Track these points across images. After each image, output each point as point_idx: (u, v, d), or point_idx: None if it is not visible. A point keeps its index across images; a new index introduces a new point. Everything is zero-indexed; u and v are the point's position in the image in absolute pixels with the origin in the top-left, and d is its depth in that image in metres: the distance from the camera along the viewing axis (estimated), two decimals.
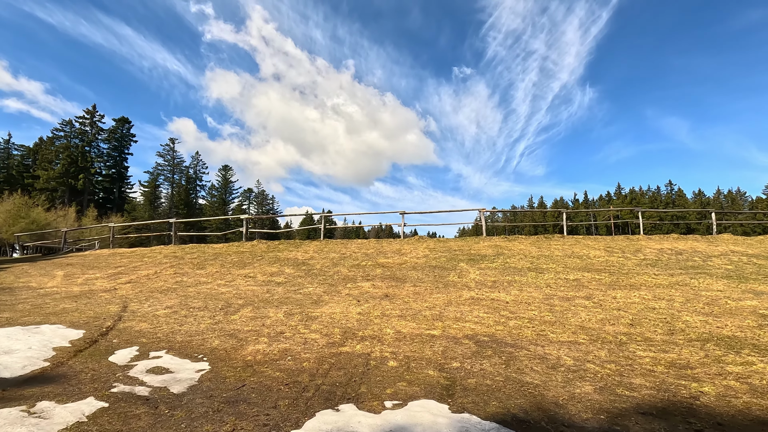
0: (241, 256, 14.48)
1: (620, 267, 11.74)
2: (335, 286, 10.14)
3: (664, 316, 7.16)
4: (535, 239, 15.52)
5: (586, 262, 12.35)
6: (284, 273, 11.80)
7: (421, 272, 11.44)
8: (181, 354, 5.32)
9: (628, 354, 5.19)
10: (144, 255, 15.67)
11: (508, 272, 11.20)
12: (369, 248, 14.85)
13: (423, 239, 15.95)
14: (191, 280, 11.18)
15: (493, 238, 15.79)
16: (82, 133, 59.36)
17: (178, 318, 7.27)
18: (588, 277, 10.55)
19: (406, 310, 7.71)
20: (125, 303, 8.52)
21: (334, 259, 13.37)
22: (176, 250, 16.12)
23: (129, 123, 64.27)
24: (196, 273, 12.19)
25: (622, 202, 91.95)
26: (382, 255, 13.76)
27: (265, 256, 14.19)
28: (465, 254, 13.45)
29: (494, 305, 8.10)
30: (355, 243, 15.89)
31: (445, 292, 9.38)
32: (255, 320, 7.11)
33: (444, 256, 13.31)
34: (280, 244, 16.22)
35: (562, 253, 13.41)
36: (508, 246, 14.48)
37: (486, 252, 13.67)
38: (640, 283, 9.99)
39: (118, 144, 63.15)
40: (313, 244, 16.02)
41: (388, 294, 9.24)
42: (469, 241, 15.52)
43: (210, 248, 16.19)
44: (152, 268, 13.06)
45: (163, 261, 14.28)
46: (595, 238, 15.48)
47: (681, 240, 15.43)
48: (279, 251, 14.96)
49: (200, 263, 13.56)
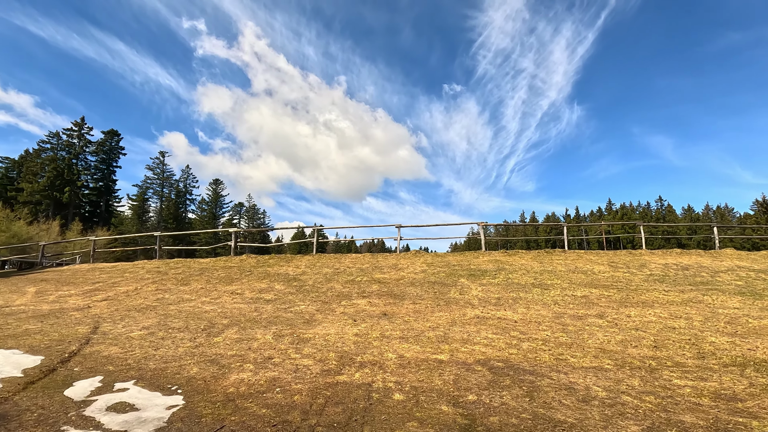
0: (228, 271, 13.70)
1: (627, 283, 11.21)
2: (329, 304, 9.44)
3: (688, 337, 6.59)
4: (536, 254, 14.99)
5: (591, 277, 11.81)
6: (274, 289, 11.07)
7: (420, 288, 10.79)
8: (151, 385, 4.58)
9: (664, 383, 4.58)
10: (126, 270, 14.79)
11: (512, 288, 10.60)
12: (364, 263, 14.18)
13: (420, 254, 15.33)
14: (173, 298, 10.38)
15: (493, 253, 15.23)
16: (69, 146, 58.17)
17: (154, 340, 6.51)
18: (596, 294, 9.99)
19: (408, 331, 7.04)
20: (97, 323, 7.72)
21: (328, 275, 12.66)
22: (160, 265, 15.26)
23: (118, 136, 63.25)
24: (179, 289, 11.39)
25: (614, 217, 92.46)
26: (378, 270, 13.09)
27: (254, 272, 13.43)
28: (465, 269, 12.84)
29: (502, 325, 7.47)
30: (349, 257, 15.21)
31: (448, 310, 8.73)
32: (240, 343, 6.38)
33: (443, 271, 12.68)
34: (270, 258, 15.46)
35: (566, 269, 12.88)
36: (509, 261, 13.92)
37: (487, 267, 13.08)
38: (652, 300, 9.45)
39: (107, 157, 61.96)
40: (305, 258, 15.30)
41: (386, 312, 8.56)
42: (468, 255, 14.94)
43: (196, 263, 15.37)
44: (132, 284, 12.22)
45: (145, 276, 13.43)
46: (597, 253, 14.99)
47: (684, 255, 15.01)
48: (269, 266, 14.21)
49: (185, 279, 12.75)
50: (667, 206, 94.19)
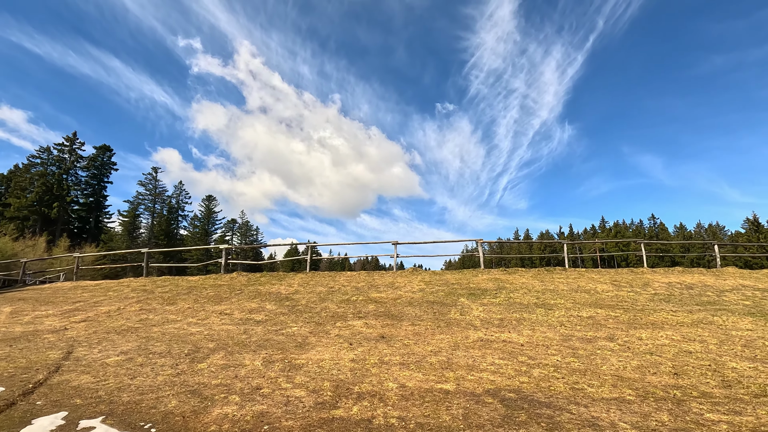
0: (218, 289, 13.11)
1: (633, 302, 10.82)
2: (323, 326, 8.91)
3: (707, 363, 6.17)
4: (536, 272, 14.59)
5: (595, 297, 11.41)
6: (265, 309, 10.51)
7: (418, 308, 10.31)
8: (122, 422, 4.05)
9: (696, 417, 4.14)
10: (110, 288, 14.13)
11: (515, 309, 10.15)
12: (359, 281, 13.67)
13: (417, 272, 14.86)
14: (158, 318, 9.79)
15: (492, 271, 14.81)
16: (59, 161, 57.44)
17: (132, 367, 5.95)
18: (602, 315, 9.57)
19: (408, 356, 6.55)
20: (71, 347, 7.13)
21: (321, 294, 12.13)
22: (147, 283, 14.63)
23: (110, 151, 62.66)
24: (164, 309, 10.79)
25: (607, 235, 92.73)
26: (374, 289, 12.59)
27: (245, 290, 12.86)
28: (464, 288, 12.39)
29: (508, 349, 7.00)
30: (343, 275, 14.70)
31: (449, 332, 8.25)
32: (226, 370, 5.84)
33: (442, 290, 12.22)
34: (262, 276, 14.90)
35: (568, 287, 12.47)
36: (509, 279, 13.49)
37: (486, 286, 12.63)
38: (661, 321, 9.04)
39: (98, 172, 61.20)
40: (297, 276, 14.76)
41: (384, 335, 8.05)
42: (467, 274, 14.50)
43: (184, 281, 14.75)
44: (115, 304, 11.59)
45: (129, 295, 12.79)
46: (599, 271, 14.64)
47: (687, 273, 14.70)
48: (260, 284, 13.64)
49: (171, 298, 12.14)
50: (660, 224, 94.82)
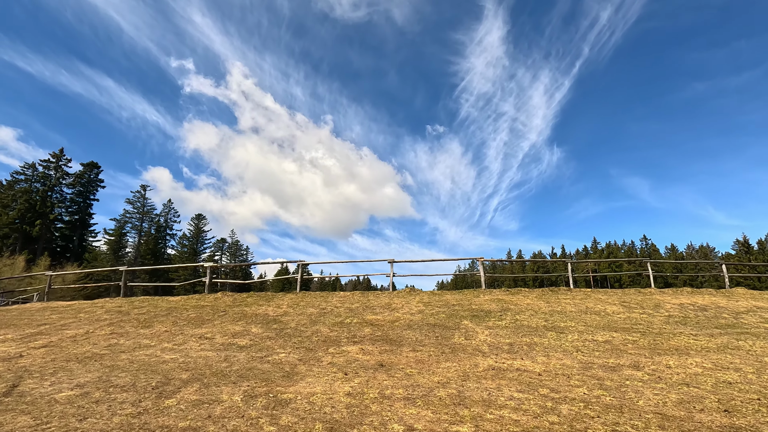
0: (200, 311, 12.10)
1: (648, 325, 10.08)
2: (314, 352, 7.99)
3: (755, 396, 5.39)
4: (540, 293, 13.83)
5: (606, 319, 10.64)
6: (250, 333, 9.55)
7: (419, 332, 9.43)
8: None
9: None
10: (82, 309, 13.03)
11: (523, 332, 9.34)
12: (353, 302, 12.76)
13: (415, 292, 14.01)
14: (129, 344, 8.78)
15: (494, 291, 14.02)
16: (44, 177, 56.06)
17: (85, 405, 5.00)
18: (619, 339, 8.79)
19: (413, 389, 5.68)
20: (19, 379, 6.13)
21: (313, 316, 11.20)
22: (123, 304, 13.54)
23: (98, 168, 61.46)
24: (138, 333, 9.77)
25: (599, 256, 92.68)
26: (370, 310, 11.69)
27: (229, 312, 11.87)
28: (466, 310, 11.55)
29: (525, 379, 6.17)
30: (336, 296, 13.79)
31: (455, 359, 7.39)
32: (199, 408, 4.92)
33: (442, 311, 11.37)
34: (249, 297, 13.92)
35: (576, 309, 11.71)
36: (513, 300, 12.70)
37: (489, 307, 11.82)
38: (684, 346, 8.29)
39: (84, 189, 59.79)
40: (287, 297, 13.80)
41: (383, 363, 7.16)
42: (468, 294, 13.68)
43: (164, 301, 13.70)
44: (85, 327, 10.53)
45: (102, 317, 11.72)
46: (606, 292, 13.92)
47: (697, 294, 14.05)
48: (246, 305, 12.66)
49: (148, 320, 11.11)
50: (651, 245, 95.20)
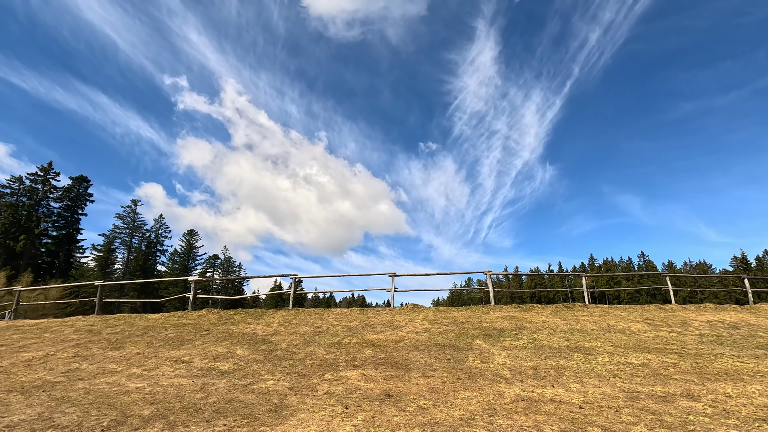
0: (180, 330, 10.86)
1: (681, 345, 9.01)
2: (308, 378, 6.81)
3: None
4: (554, 309, 12.75)
5: (634, 338, 9.57)
6: (234, 355, 8.35)
7: (427, 354, 8.29)
8: None
9: None
10: (49, 329, 11.72)
11: (546, 354, 8.23)
12: (351, 319, 11.59)
13: (418, 308, 12.86)
14: (91, 369, 7.55)
15: (504, 308, 12.91)
16: (31, 191, 54.49)
17: None
18: (656, 361, 7.71)
19: (431, 427, 4.54)
20: None
21: (307, 335, 10.02)
22: (96, 322, 12.25)
23: (87, 182, 59.97)
24: (105, 356, 8.53)
25: (597, 272, 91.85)
26: (370, 329, 10.53)
27: (213, 331, 10.65)
28: (477, 328, 10.43)
29: (566, 414, 5.05)
30: (332, 313, 12.60)
31: (475, 386, 6.26)
32: None
33: (451, 330, 10.23)
34: (236, 314, 12.69)
35: (597, 327, 10.64)
36: (526, 317, 11.60)
37: (502, 325, 10.71)
38: (732, 369, 7.22)
39: (72, 204, 58.16)
40: (278, 314, 12.59)
41: (390, 392, 6.01)
42: (476, 311, 12.56)
43: (143, 319, 12.43)
44: (46, 349, 9.26)
45: (69, 337, 10.45)
46: (624, 308, 12.88)
47: (721, 311, 13.05)
48: (233, 323, 11.44)
49: (120, 341, 9.86)
50: (648, 261, 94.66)
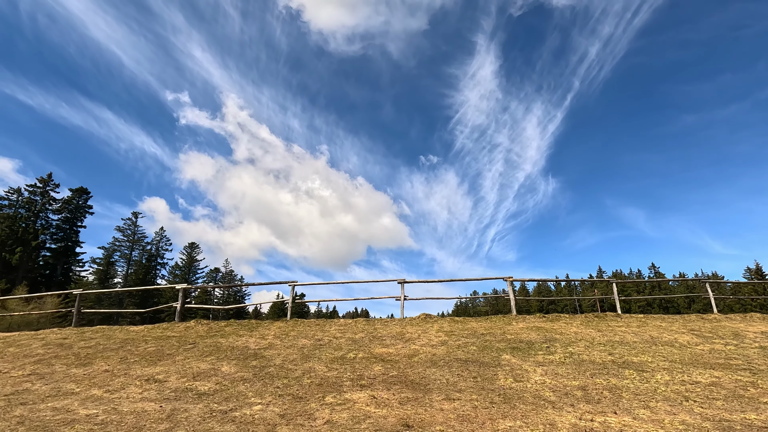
0: (162, 343, 9.55)
1: (747, 361, 7.62)
2: (304, 402, 5.48)
3: None
4: (584, 319, 11.36)
5: (687, 352, 8.18)
6: (219, 373, 7.02)
7: (448, 371, 6.94)
8: None
9: None
10: (15, 342, 10.42)
11: (590, 370, 6.86)
12: (356, 331, 10.24)
13: (431, 318, 11.49)
14: (44, 390, 6.24)
15: (528, 318, 11.53)
16: (30, 203, 53.67)
17: None
18: (728, 380, 6.33)
19: None
20: None
21: (305, 349, 8.68)
22: (71, 335, 10.95)
23: (87, 194, 59.15)
24: (67, 374, 7.22)
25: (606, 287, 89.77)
26: (378, 342, 9.18)
27: (200, 344, 9.33)
28: (501, 340, 9.07)
29: None
30: (335, 324, 11.26)
31: (515, 413, 4.91)
32: None
33: (472, 343, 8.87)
34: (228, 326, 11.36)
35: (639, 339, 9.25)
36: (555, 328, 10.22)
37: (529, 337, 9.34)
38: None
39: (71, 216, 57.24)
40: (274, 325, 11.26)
41: (408, 421, 4.68)
42: (497, 321, 11.19)
43: (123, 332, 11.12)
44: (2, 365, 7.97)
45: (35, 352, 9.15)
46: (663, 318, 11.48)
47: None
48: (223, 336, 10.11)
49: (90, 356, 8.56)
50: (658, 273, 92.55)
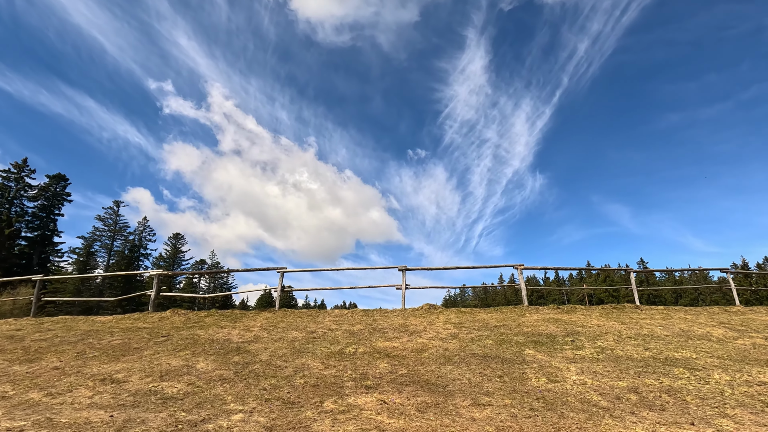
0: (131, 335, 8.29)
1: None
2: (298, 408, 4.34)
3: None
4: (601, 310, 10.42)
5: (730, 347, 7.26)
6: (193, 371, 5.84)
7: (467, 368, 5.86)
8: None
9: None
10: None
11: (632, 368, 5.86)
12: (354, 322, 9.11)
13: (436, 309, 10.42)
14: None
15: (541, 309, 10.54)
16: (2, 189, 51.12)
17: None
18: None
19: None
20: None
21: (297, 342, 7.52)
22: (26, 326, 9.61)
23: (65, 180, 56.62)
24: (6, 372, 5.96)
25: (595, 280, 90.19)
26: (380, 334, 8.06)
27: (174, 336, 8.10)
28: (517, 333, 8.03)
29: None
30: (329, 315, 10.11)
31: (569, 425, 3.85)
32: None
33: (486, 336, 7.81)
34: (208, 316, 10.13)
35: (669, 332, 8.31)
36: (573, 320, 9.24)
37: (548, 329, 8.32)
38: None
39: (48, 203, 54.75)
40: (261, 316, 10.06)
41: None
42: (509, 312, 10.17)
43: (87, 322, 9.81)
44: None
45: None
46: (685, 310, 10.61)
47: None
48: (202, 327, 8.89)
49: (42, 350, 7.28)
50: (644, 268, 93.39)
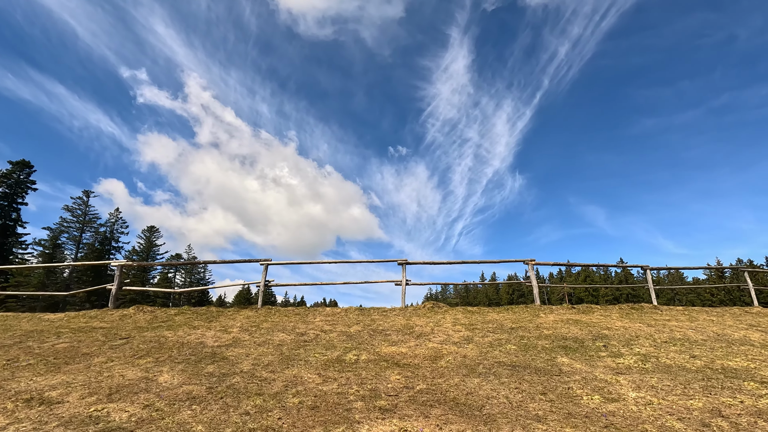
0: (82, 337, 6.90)
1: None
2: None
3: None
4: (619, 310, 9.54)
5: None
6: (153, 386, 4.56)
7: (497, 382, 4.77)
8: None
9: None
10: None
11: (693, 381, 4.88)
12: (349, 322, 7.93)
13: (441, 308, 9.33)
14: None
15: (555, 309, 9.58)
16: None
17: None
18: None
19: None
20: None
21: (285, 347, 6.30)
22: None
23: (30, 167, 53.15)
24: None
25: (575, 279, 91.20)
26: (382, 337, 6.91)
27: (135, 338, 6.75)
28: (538, 336, 7.01)
29: None
30: (320, 313, 8.89)
31: None
32: None
33: (506, 340, 6.76)
34: (179, 314, 8.77)
35: (704, 336, 7.45)
36: (594, 321, 8.30)
37: (571, 332, 7.34)
38: None
39: (10, 191, 51.29)
40: (241, 314, 8.77)
41: None
42: (521, 312, 9.17)
43: (33, 320, 8.32)
44: None
45: None
46: (706, 311, 9.84)
47: None
48: (171, 327, 7.55)
49: None
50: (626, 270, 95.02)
